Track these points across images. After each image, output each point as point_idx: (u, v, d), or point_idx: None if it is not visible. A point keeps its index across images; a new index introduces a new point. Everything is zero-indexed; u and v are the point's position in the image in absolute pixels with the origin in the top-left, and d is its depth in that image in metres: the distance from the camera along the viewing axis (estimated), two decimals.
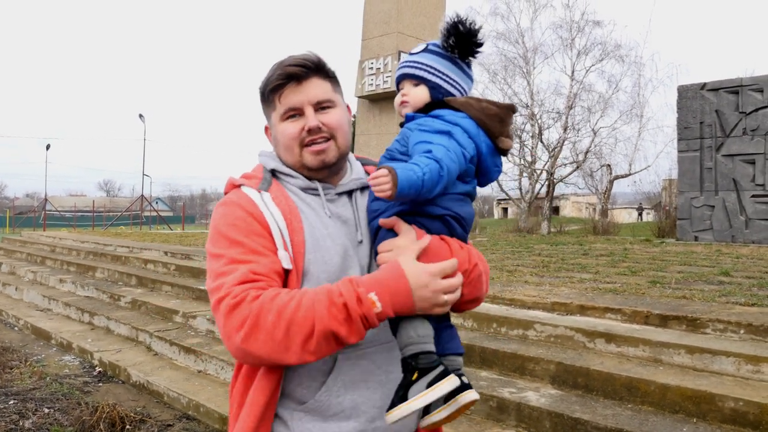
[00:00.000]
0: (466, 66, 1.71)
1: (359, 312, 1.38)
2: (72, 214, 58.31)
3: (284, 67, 1.61)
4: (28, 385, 6.03)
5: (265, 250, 1.51)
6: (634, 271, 7.62)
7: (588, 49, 27.51)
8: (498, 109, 1.63)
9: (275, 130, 1.67)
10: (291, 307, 1.38)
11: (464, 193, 1.63)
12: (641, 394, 4.05)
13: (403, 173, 1.44)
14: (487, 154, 1.62)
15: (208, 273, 1.55)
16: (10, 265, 13.35)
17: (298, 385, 1.54)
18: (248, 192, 1.60)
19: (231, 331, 1.40)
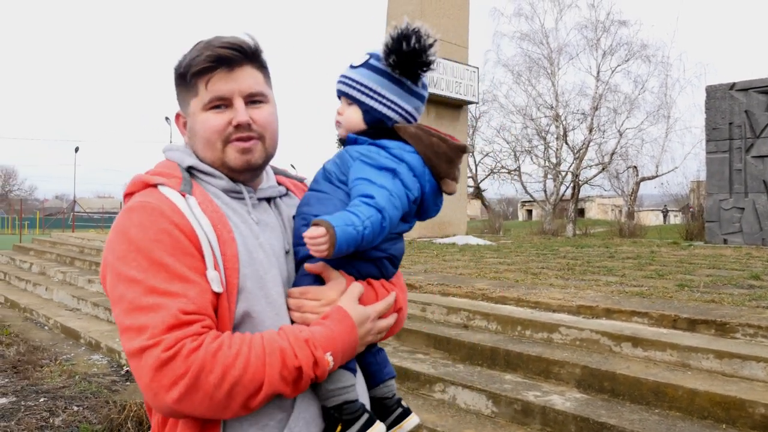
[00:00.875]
0: (413, 83, 1.52)
1: (312, 375, 1.27)
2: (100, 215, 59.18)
3: (215, 48, 1.37)
4: (57, 384, 6.14)
5: (194, 274, 1.26)
6: (662, 275, 7.52)
7: (614, 49, 27.32)
8: (448, 147, 1.47)
9: (193, 120, 1.42)
10: (238, 367, 1.19)
11: (401, 233, 1.55)
12: (669, 399, 4.00)
13: (342, 232, 1.31)
14: (429, 194, 1.50)
15: (115, 300, 1.26)
16: (41, 266, 13.59)
17: (252, 426, 1.31)
18: (169, 194, 1.33)
19: (159, 389, 1.17)
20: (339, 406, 1.37)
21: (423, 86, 1.54)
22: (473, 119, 30.26)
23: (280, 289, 1.40)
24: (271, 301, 1.37)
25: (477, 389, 4.53)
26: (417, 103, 1.53)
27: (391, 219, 1.39)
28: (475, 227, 24.78)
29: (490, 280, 7.25)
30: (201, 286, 1.26)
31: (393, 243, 1.53)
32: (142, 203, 1.31)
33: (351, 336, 1.35)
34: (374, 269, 1.51)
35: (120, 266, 1.26)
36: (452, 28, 16.06)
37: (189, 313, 1.21)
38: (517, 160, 30.43)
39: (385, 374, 1.56)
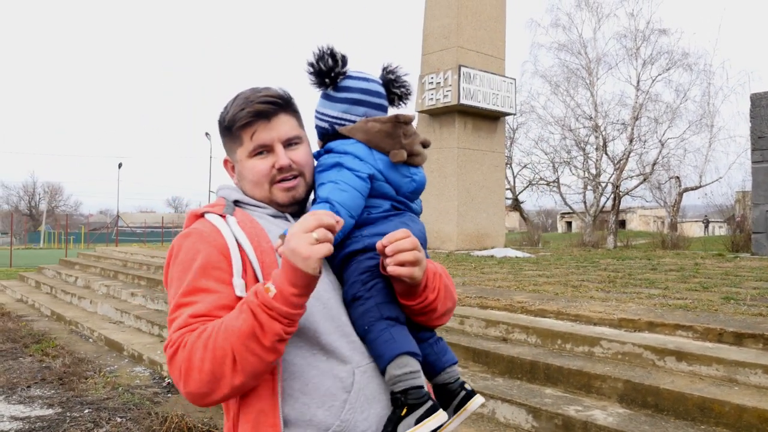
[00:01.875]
0: (334, 92, 1.67)
1: (256, 303, 1.31)
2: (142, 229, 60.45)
3: (253, 104, 1.58)
4: (101, 395, 6.26)
5: (216, 285, 1.44)
6: (706, 287, 7.34)
7: (654, 58, 26.91)
8: (381, 124, 1.64)
9: (241, 166, 1.64)
10: (213, 334, 1.33)
11: (393, 213, 1.65)
12: (715, 415, 3.89)
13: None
14: (387, 169, 1.63)
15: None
16: (85, 279, 13.92)
17: (319, 408, 1.43)
18: (212, 218, 1.55)
19: (176, 380, 1.37)
20: (405, 390, 1.45)
21: (346, 90, 1.67)
22: (511, 131, 30.09)
23: (326, 286, 1.54)
24: (318, 297, 1.48)
25: (517, 403, 4.48)
26: (342, 106, 1.67)
27: (341, 201, 1.54)
28: (514, 239, 24.54)
29: (530, 292, 7.17)
30: (220, 293, 1.43)
31: (403, 224, 1.62)
32: (189, 230, 1.56)
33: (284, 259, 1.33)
34: None
35: (171, 283, 1.52)
36: (489, 40, 16.04)
37: (198, 315, 1.39)
38: (555, 172, 30.12)
39: (445, 362, 1.63)
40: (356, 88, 1.67)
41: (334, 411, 1.43)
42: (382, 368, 1.48)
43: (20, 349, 8.56)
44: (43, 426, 5.33)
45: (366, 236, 1.59)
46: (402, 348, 1.48)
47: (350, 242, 1.59)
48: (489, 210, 15.88)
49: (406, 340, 1.51)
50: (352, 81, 1.68)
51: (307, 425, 1.43)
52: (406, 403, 1.44)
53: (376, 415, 1.47)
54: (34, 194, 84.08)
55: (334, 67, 1.63)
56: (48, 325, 10.61)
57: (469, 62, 15.31)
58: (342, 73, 1.66)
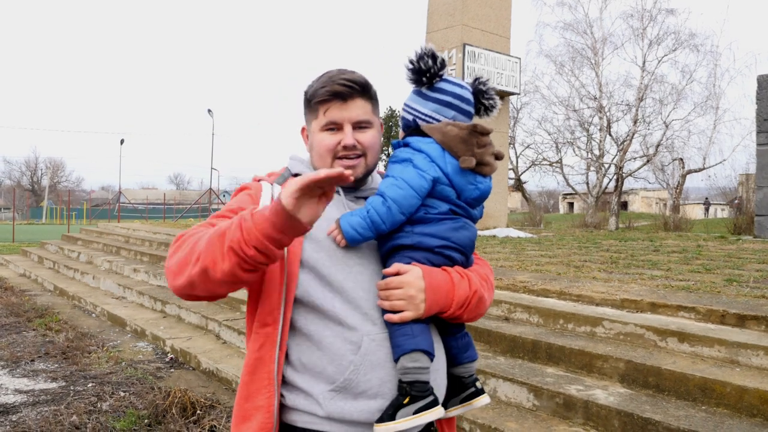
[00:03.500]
0: (428, 90, 1.79)
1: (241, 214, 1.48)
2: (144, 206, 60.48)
3: (333, 84, 1.73)
4: (105, 370, 6.30)
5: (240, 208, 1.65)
6: (709, 269, 7.33)
7: (660, 38, 26.63)
8: (459, 130, 1.73)
9: (313, 137, 1.79)
10: (208, 231, 1.53)
11: (449, 216, 1.74)
12: (716, 396, 3.91)
13: (345, 222, 1.67)
14: (453, 173, 1.72)
15: None
16: (88, 255, 13.95)
17: (329, 363, 1.63)
18: (263, 185, 1.78)
19: (166, 262, 1.60)
20: (412, 382, 1.60)
21: (440, 91, 1.78)
22: (515, 110, 29.93)
23: (353, 259, 1.71)
24: (344, 265, 1.69)
25: (518, 382, 4.50)
26: (434, 106, 1.78)
27: (393, 199, 1.66)
28: (516, 220, 24.50)
29: (532, 272, 7.18)
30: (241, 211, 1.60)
31: (451, 230, 1.73)
32: (243, 186, 1.82)
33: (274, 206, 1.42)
34: (441, 259, 1.72)
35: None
36: (494, 18, 15.89)
37: (216, 216, 1.68)
38: (558, 152, 30.00)
39: (465, 358, 1.81)
40: (450, 92, 1.78)
41: (341, 369, 1.62)
42: (396, 357, 1.63)
43: (24, 323, 8.61)
44: (47, 399, 5.36)
45: (417, 233, 1.70)
46: (418, 345, 1.62)
47: (400, 235, 1.70)
48: (492, 190, 15.82)
49: (425, 337, 1.64)
50: (448, 85, 1.79)
51: (318, 375, 1.64)
52: (409, 393, 1.59)
53: (378, 378, 1.63)
54: (36, 170, 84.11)
55: (432, 68, 1.75)
56: (51, 300, 10.66)
57: (474, 41, 15.18)
58: (439, 75, 1.77)
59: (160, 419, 4.81)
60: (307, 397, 1.65)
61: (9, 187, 77.50)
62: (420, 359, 1.61)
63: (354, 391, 1.62)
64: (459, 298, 1.70)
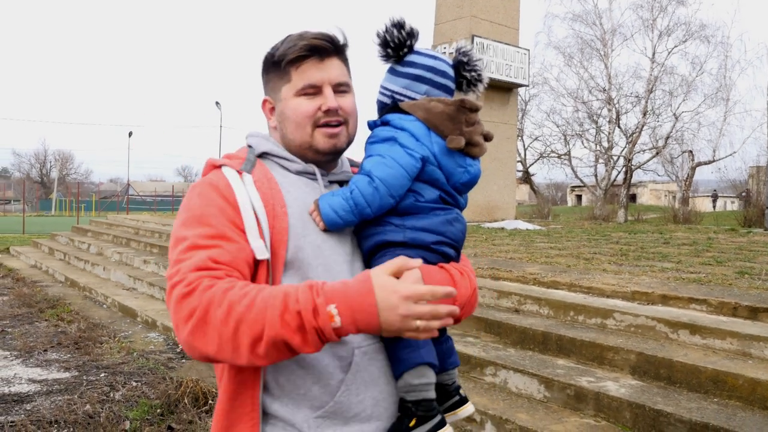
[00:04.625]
0: (398, 65, 1.61)
1: (314, 324, 1.22)
2: (152, 198, 60.67)
3: (309, 39, 1.50)
4: (117, 360, 6.34)
5: (234, 235, 1.37)
6: (720, 261, 7.31)
7: (671, 29, 26.48)
8: (445, 106, 1.54)
9: (285, 105, 1.54)
10: (243, 304, 1.23)
11: (439, 206, 1.55)
12: (728, 388, 3.90)
13: (325, 202, 1.46)
14: (441, 154, 1.53)
15: (170, 258, 1.39)
16: (98, 246, 14.02)
17: (314, 384, 1.39)
18: (227, 173, 1.46)
19: (179, 321, 1.26)
20: (418, 401, 1.41)
21: (410, 65, 1.60)
22: (523, 102, 29.83)
23: (338, 258, 1.48)
24: (329, 269, 1.44)
25: (529, 373, 4.50)
26: (404, 81, 1.60)
27: (382, 179, 1.47)
28: (524, 212, 24.46)
29: (542, 264, 7.17)
30: (240, 245, 1.37)
31: (447, 223, 1.55)
32: (203, 181, 1.48)
33: (366, 298, 1.23)
34: (437, 257, 1.53)
35: (178, 230, 1.41)
36: (503, 9, 15.81)
37: (219, 262, 1.32)
38: (567, 144, 29.92)
39: (449, 364, 1.59)
40: (421, 65, 1.60)
41: (330, 390, 1.38)
42: (399, 373, 1.42)
43: (36, 313, 8.67)
44: (60, 388, 5.41)
45: (408, 228, 1.51)
46: (424, 358, 1.42)
47: (388, 230, 1.50)
48: (500, 182, 15.81)
49: (429, 348, 1.44)
50: (418, 57, 1.60)
51: (301, 398, 1.39)
52: (416, 414, 1.40)
53: (372, 399, 1.41)
54: (45, 162, 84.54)
55: (398, 39, 1.56)
56: (62, 291, 10.73)
57: (482, 32, 15.12)
58: (408, 47, 1.58)
59: (173, 409, 4.85)
60: (286, 427, 1.40)
61: (19, 179, 77.98)
62: (426, 374, 1.42)
63: (345, 415, 1.39)
64: (462, 299, 1.51)
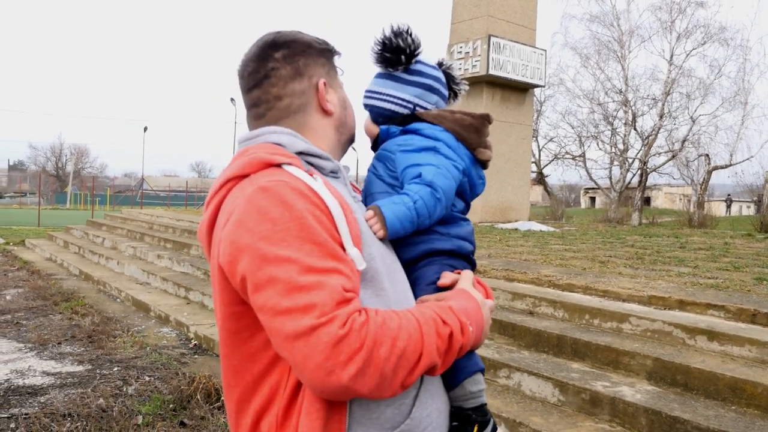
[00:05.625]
0: (405, 74, 1.59)
1: (461, 343, 1.26)
2: (166, 193, 61.00)
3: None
4: (130, 354, 6.37)
5: (340, 251, 1.23)
6: (738, 267, 7.22)
7: (689, 31, 26.27)
8: (473, 119, 1.57)
9: (336, 95, 1.50)
10: (402, 338, 1.17)
11: (464, 218, 1.59)
12: (747, 396, 3.85)
13: (390, 210, 1.39)
14: (469, 166, 1.57)
15: (263, 283, 1.17)
16: (112, 241, 14.10)
17: (388, 407, 1.27)
18: (298, 174, 1.28)
19: (335, 366, 1.11)
20: (477, 407, 1.43)
21: (418, 74, 1.59)
22: (538, 103, 29.69)
23: (396, 267, 1.43)
24: (393, 279, 1.38)
25: (543, 377, 4.47)
26: (416, 90, 1.58)
27: (445, 189, 1.45)
28: (537, 213, 24.33)
29: (556, 267, 7.12)
30: (347, 263, 1.23)
31: (472, 234, 1.58)
32: (277, 182, 1.24)
33: (479, 314, 1.34)
34: (470, 267, 1.55)
35: (265, 247, 1.18)
36: (520, 9, 15.72)
37: (348, 290, 1.18)
38: (582, 146, 29.76)
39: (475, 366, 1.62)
40: (430, 75, 1.60)
41: (404, 409, 1.29)
42: (458, 382, 1.42)
43: (50, 306, 8.73)
44: (74, 382, 5.44)
45: (453, 237, 1.52)
46: (479, 365, 1.46)
47: (435, 238, 1.49)
48: (514, 183, 15.74)
49: (477, 356, 1.48)
50: (425, 67, 1.61)
51: (372, 423, 1.26)
52: (476, 421, 1.42)
53: (437, 410, 1.36)
54: (61, 156, 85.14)
55: (413, 48, 1.55)
56: (76, 284, 10.79)
57: (499, 32, 15.05)
58: (417, 55, 1.57)
59: (185, 404, 4.85)
60: None
61: (34, 172, 78.62)
62: (481, 380, 1.46)
63: (416, 431, 1.31)
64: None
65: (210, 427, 4.49)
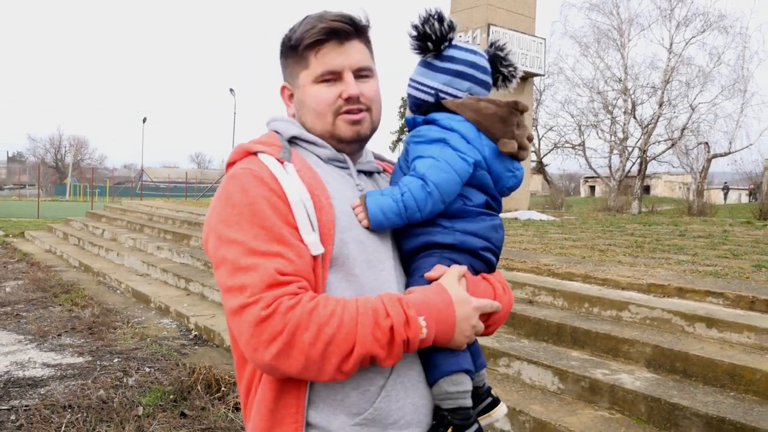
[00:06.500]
0: (437, 61, 1.53)
1: (404, 337, 1.26)
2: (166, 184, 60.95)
3: (328, 21, 1.42)
4: (130, 345, 6.38)
5: (291, 237, 1.30)
6: (736, 254, 7.23)
7: (689, 19, 26.18)
8: (497, 107, 1.48)
9: (303, 93, 1.47)
10: (332, 325, 1.22)
11: (485, 211, 1.53)
12: (745, 383, 3.86)
13: (374, 201, 1.41)
14: (491, 158, 1.49)
15: (218, 262, 1.31)
16: (112, 232, 14.10)
17: (353, 390, 1.33)
18: (267, 161, 1.38)
19: (259, 345, 1.21)
20: (454, 409, 1.39)
21: (450, 60, 1.52)
22: (538, 92, 29.62)
23: (381, 255, 1.43)
24: (372, 265, 1.40)
25: (543, 365, 4.48)
26: (444, 77, 1.52)
27: (437, 184, 1.41)
28: (537, 202, 24.33)
29: (556, 255, 7.12)
30: (298, 248, 1.30)
31: (493, 230, 1.53)
32: (244, 170, 1.37)
33: (447, 309, 1.32)
34: (482, 264, 1.52)
35: (223, 229, 1.32)
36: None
37: (286, 273, 1.25)
38: (581, 135, 29.74)
39: (477, 366, 1.56)
40: (462, 60, 1.52)
41: (369, 396, 1.34)
42: (434, 380, 1.40)
43: (50, 298, 8.74)
44: (74, 373, 5.45)
45: (458, 231, 1.47)
46: (461, 365, 1.40)
47: (436, 231, 1.46)
48: None
49: (465, 355, 1.43)
50: (458, 51, 1.53)
51: (338, 405, 1.33)
52: (452, 423, 1.38)
53: (412, 404, 1.38)
54: (60, 147, 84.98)
55: (440, 32, 1.48)
56: (76, 276, 10.80)
57: (498, 21, 15.00)
58: (448, 40, 1.51)
59: (186, 395, 4.87)
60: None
61: (34, 163, 78.56)
62: (463, 381, 1.40)
63: (384, 422, 1.34)
64: (501, 314, 1.49)
65: (210, 417, 4.50)
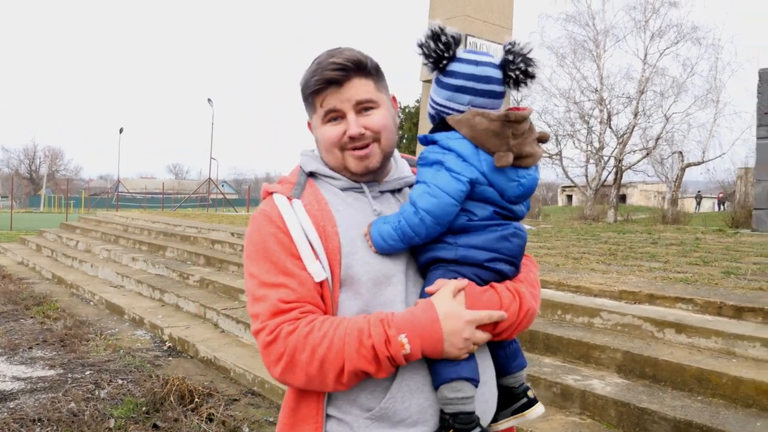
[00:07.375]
0: (445, 76, 1.54)
1: (386, 354, 1.39)
2: (142, 195, 60.43)
3: (323, 71, 1.52)
4: (103, 357, 6.31)
5: (294, 268, 1.49)
6: (707, 261, 7.35)
7: (663, 31, 26.54)
8: (489, 122, 1.48)
9: (316, 132, 1.62)
10: (323, 346, 1.41)
11: (495, 222, 1.54)
12: (712, 387, 3.92)
13: (375, 229, 1.52)
14: (491, 172, 1.50)
15: (247, 292, 1.57)
16: (86, 243, 13.94)
17: (363, 391, 1.49)
18: (278, 201, 1.56)
19: (269, 363, 1.47)
20: (455, 414, 1.45)
21: (451, 75, 1.53)
22: (515, 102, 29.87)
23: (389, 272, 1.53)
24: (378, 283, 1.52)
25: None
26: (446, 93, 1.55)
27: (427, 210, 1.47)
28: None
29: None
30: (301, 277, 1.48)
31: (503, 240, 1.54)
32: (260, 211, 1.58)
33: (432, 326, 1.41)
34: (490, 274, 1.54)
35: (246, 264, 1.56)
36: (497, 9, 15.81)
37: (289, 301, 1.46)
38: (558, 144, 29.97)
39: (514, 367, 1.64)
40: (461, 74, 1.52)
41: (376, 396, 1.49)
42: (436, 386, 1.47)
43: (21, 311, 8.61)
44: (45, 386, 5.37)
45: (461, 246, 1.51)
46: (460, 373, 1.45)
47: (440, 247, 1.52)
48: None
49: (467, 363, 1.46)
50: (460, 65, 1.52)
51: (352, 402, 1.50)
52: (452, 426, 1.45)
53: (417, 405, 1.48)
54: (35, 158, 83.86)
55: (437, 51, 1.50)
56: (49, 288, 10.66)
57: (476, 31, 15.11)
58: (447, 58, 1.51)
59: (158, 407, 4.82)
60: (341, 423, 1.51)
61: (7, 175, 77.30)
62: (463, 388, 1.45)
63: (392, 419, 1.47)
64: (509, 321, 1.53)
65: (183, 429, 4.47)
